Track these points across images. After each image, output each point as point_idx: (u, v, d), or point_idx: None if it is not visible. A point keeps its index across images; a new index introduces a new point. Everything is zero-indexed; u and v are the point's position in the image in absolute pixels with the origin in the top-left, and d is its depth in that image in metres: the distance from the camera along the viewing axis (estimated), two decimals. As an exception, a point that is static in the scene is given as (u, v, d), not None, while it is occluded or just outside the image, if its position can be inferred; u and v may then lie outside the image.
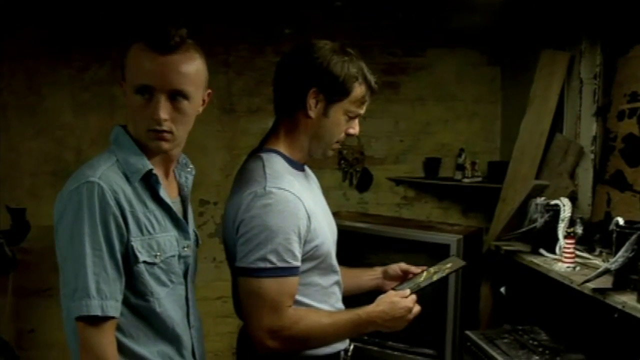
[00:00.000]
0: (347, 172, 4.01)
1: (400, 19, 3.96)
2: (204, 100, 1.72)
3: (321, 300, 1.98)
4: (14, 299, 3.51)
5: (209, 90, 1.73)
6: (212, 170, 3.90)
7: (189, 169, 1.81)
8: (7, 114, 3.65)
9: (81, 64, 3.69)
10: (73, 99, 3.71)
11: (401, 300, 1.97)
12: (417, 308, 1.99)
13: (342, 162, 3.99)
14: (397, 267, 2.24)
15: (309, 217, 1.87)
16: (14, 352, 3.28)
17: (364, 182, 4.04)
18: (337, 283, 2.06)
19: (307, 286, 1.93)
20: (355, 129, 2.00)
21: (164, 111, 1.58)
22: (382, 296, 2.01)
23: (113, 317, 1.54)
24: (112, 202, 1.53)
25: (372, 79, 1.98)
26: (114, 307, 1.53)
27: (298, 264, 1.85)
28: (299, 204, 1.85)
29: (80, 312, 1.50)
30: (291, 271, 1.84)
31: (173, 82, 1.59)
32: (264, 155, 1.95)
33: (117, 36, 3.54)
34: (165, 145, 1.63)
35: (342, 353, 2.03)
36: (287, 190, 1.84)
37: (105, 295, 1.52)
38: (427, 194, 4.14)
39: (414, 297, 2.00)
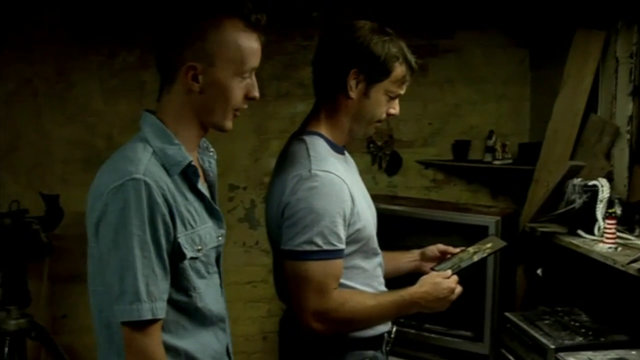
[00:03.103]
0: (376, 155, 3.99)
1: (429, 1, 3.91)
2: None
3: (365, 283, 1.98)
4: (49, 284, 3.54)
5: None
6: (241, 155, 3.89)
7: (210, 153, 1.76)
8: (38, 101, 3.64)
9: (110, 50, 3.68)
10: (102, 86, 3.70)
11: (444, 281, 1.97)
12: (459, 288, 2.00)
13: (371, 145, 3.97)
14: (434, 248, 2.23)
15: (352, 200, 1.88)
16: (49, 337, 3.31)
17: (393, 166, 4.02)
18: (379, 266, 2.06)
19: (350, 269, 1.93)
20: (395, 109, 2.00)
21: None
22: (424, 277, 2.01)
23: (160, 319, 1.50)
24: (160, 200, 1.47)
25: (412, 58, 1.98)
26: (162, 309, 1.49)
27: (343, 246, 1.86)
28: (344, 187, 1.86)
29: (131, 317, 1.45)
30: (337, 254, 1.85)
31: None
32: (307, 138, 1.95)
33: (146, 22, 3.53)
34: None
35: (386, 335, 2.04)
36: (332, 173, 1.85)
37: (155, 298, 1.47)
38: (456, 176, 4.12)
39: (455, 277, 2.00)
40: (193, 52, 1.53)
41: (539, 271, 3.12)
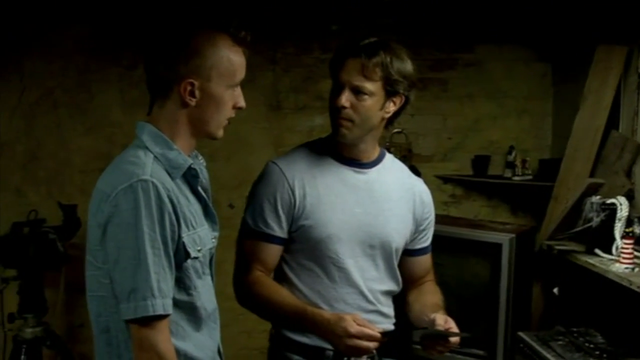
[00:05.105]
0: (394, 169, 3.96)
1: (448, 15, 3.89)
2: None
3: (315, 289, 1.99)
4: (65, 293, 3.57)
5: None
6: (258, 168, 3.81)
7: (200, 161, 1.80)
8: (58, 112, 3.71)
9: (130, 62, 3.72)
10: (122, 97, 3.75)
11: (348, 321, 1.82)
12: (361, 342, 1.80)
13: (389, 159, 3.94)
14: (441, 320, 1.97)
15: (293, 194, 1.95)
16: (65, 345, 3.33)
17: (411, 180, 3.98)
18: (346, 283, 2.00)
19: (301, 268, 2.00)
20: None
21: None
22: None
23: (168, 315, 1.54)
24: (166, 200, 1.52)
25: None
26: (170, 305, 1.53)
27: (272, 232, 1.96)
28: (282, 178, 1.97)
29: (145, 313, 1.48)
30: (264, 237, 1.96)
31: None
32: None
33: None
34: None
35: (330, 353, 1.96)
36: (275, 164, 2.01)
37: (165, 294, 1.51)
38: (476, 192, 4.08)
39: (365, 330, 1.81)
40: (190, 67, 1.57)
41: (555, 290, 3.06)
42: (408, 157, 3.97)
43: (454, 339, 1.88)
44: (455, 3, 3.85)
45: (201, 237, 1.64)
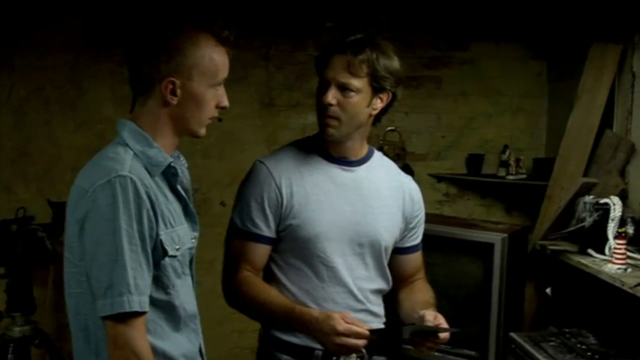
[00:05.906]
0: (387, 168, 3.94)
1: (443, 12, 3.87)
2: None
3: (304, 289, 1.98)
4: (54, 291, 3.54)
5: None
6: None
7: (182, 162, 1.79)
8: (49, 108, 3.68)
9: (121, 58, 3.67)
10: (113, 93, 3.72)
11: (336, 319, 1.80)
12: (349, 340, 1.78)
13: (382, 157, 3.92)
14: (431, 316, 1.95)
15: (280, 193, 1.93)
16: (54, 344, 3.30)
17: (405, 179, 3.96)
18: (334, 282, 1.98)
19: (290, 267, 1.98)
20: None
21: None
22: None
23: (145, 312, 1.52)
24: (144, 197, 1.52)
25: None
26: (147, 303, 1.52)
27: (260, 232, 1.95)
28: (269, 177, 1.95)
29: (121, 309, 1.47)
30: (252, 237, 1.95)
31: None
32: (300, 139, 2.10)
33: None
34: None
35: (319, 352, 1.94)
36: (262, 163, 1.99)
37: (142, 291, 1.50)
38: (470, 191, 4.06)
39: (353, 327, 1.79)
40: (171, 66, 1.57)
41: (548, 290, 3.04)
42: (401, 156, 3.94)
43: (444, 335, 1.86)
44: (450, 1, 3.83)
45: (180, 236, 1.63)
